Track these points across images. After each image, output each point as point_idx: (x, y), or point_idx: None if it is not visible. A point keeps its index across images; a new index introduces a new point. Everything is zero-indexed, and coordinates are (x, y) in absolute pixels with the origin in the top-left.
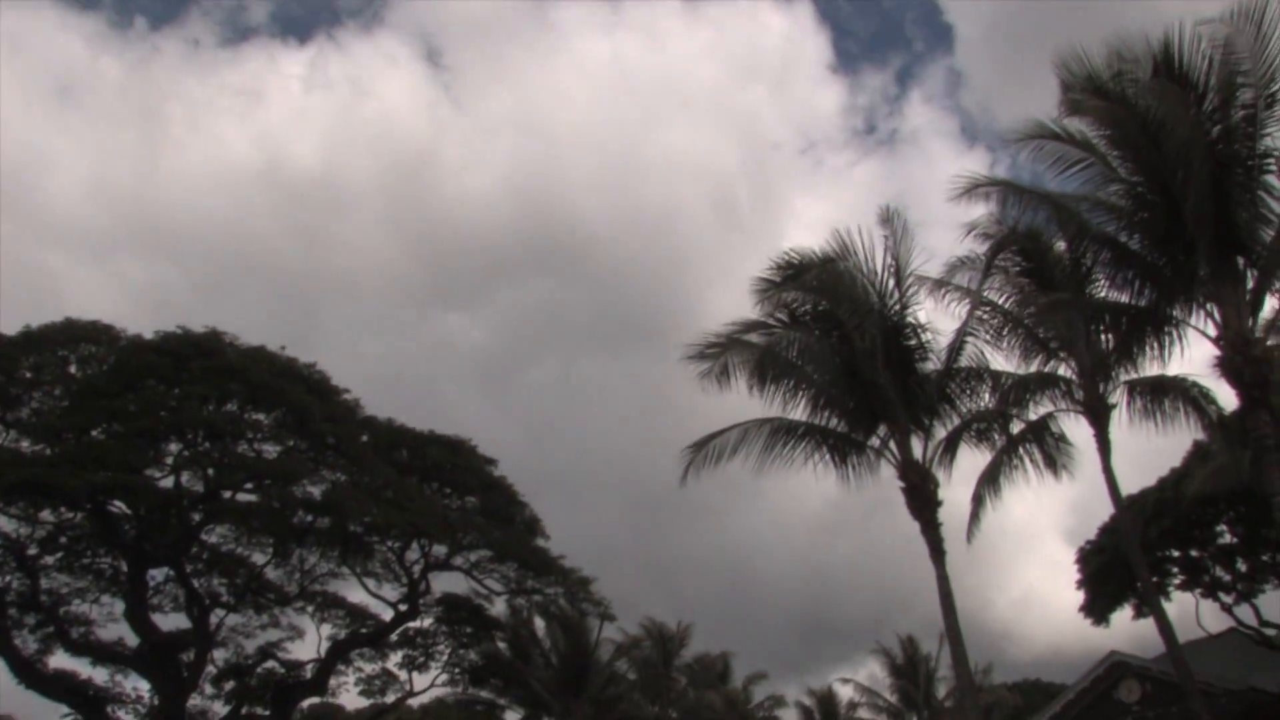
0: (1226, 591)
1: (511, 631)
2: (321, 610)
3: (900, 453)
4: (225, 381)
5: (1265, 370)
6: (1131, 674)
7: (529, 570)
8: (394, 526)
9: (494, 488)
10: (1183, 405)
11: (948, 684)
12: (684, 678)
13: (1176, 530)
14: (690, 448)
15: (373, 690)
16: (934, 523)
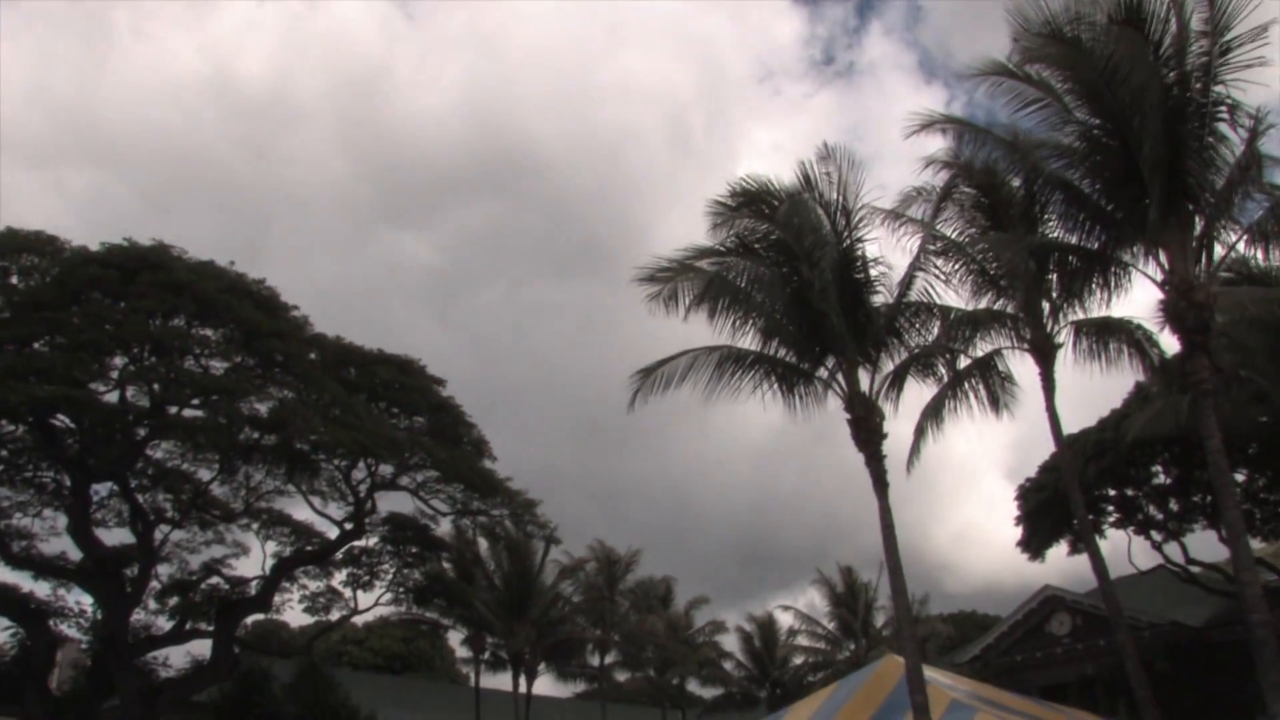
0: (1158, 530)
1: (456, 552)
2: (267, 527)
3: (848, 385)
4: (172, 296)
5: (1207, 316)
6: (1063, 607)
7: (475, 491)
8: (341, 445)
9: (442, 408)
10: (1126, 347)
11: (886, 614)
12: (626, 601)
13: (1114, 470)
14: (638, 374)
15: (317, 608)
16: (878, 455)
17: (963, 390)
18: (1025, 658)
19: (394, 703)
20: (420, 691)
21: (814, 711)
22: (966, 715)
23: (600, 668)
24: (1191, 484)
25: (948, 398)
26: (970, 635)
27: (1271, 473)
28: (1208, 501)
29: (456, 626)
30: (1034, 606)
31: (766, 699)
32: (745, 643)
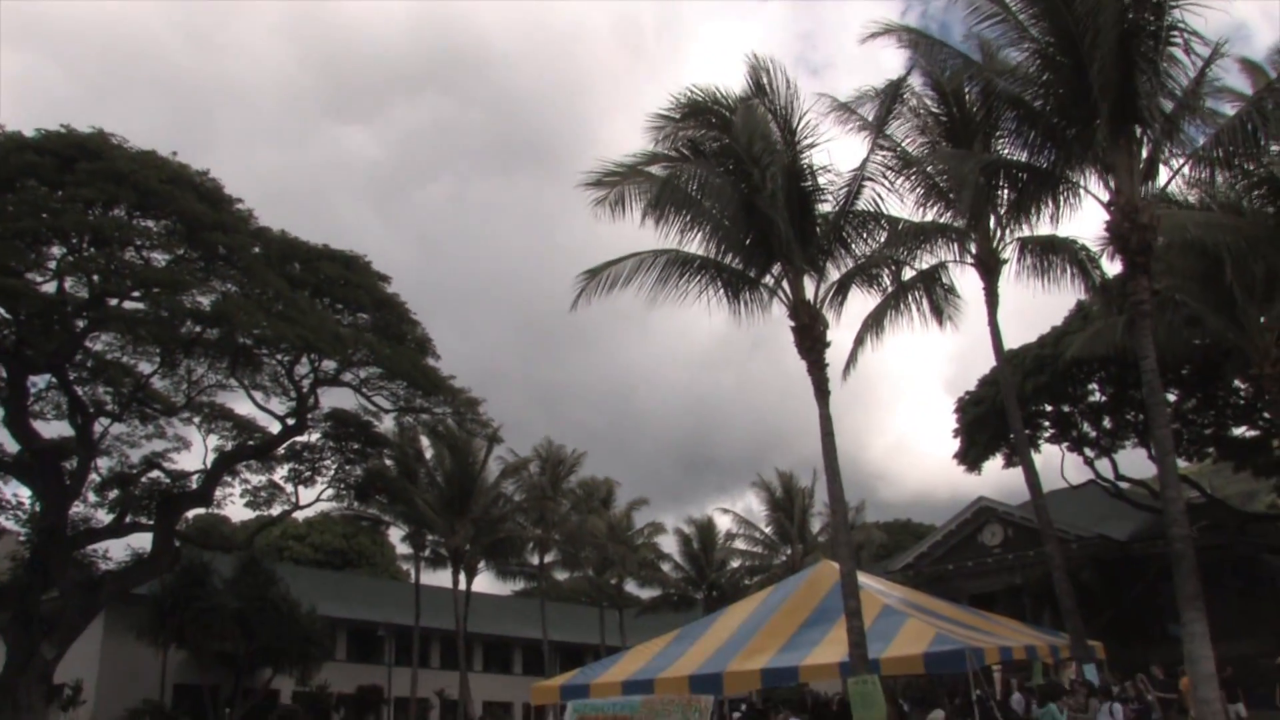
0: (1090, 447)
1: (399, 449)
2: (208, 421)
3: (793, 292)
4: (112, 186)
5: (1150, 238)
6: (996, 519)
7: (418, 389)
8: (284, 340)
9: (386, 305)
10: (1070, 266)
11: (822, 520)
12: (568, 501)
13: (1052, 386)
14: (584, 275)
15: (258, 502)
16: (821, 363)
17: (906, 301)
18: (957, 566)
19: (334, 598)
20: (361, 587)
21: (749, 614)
22: (898, 621)
23: (540, 566)
24: (1125, 403)
25: (890, 308)
26: (904, 543)
27: (1201, 394)
28: (1139, 420)
29: (397, 523)
30: (967, 517)
31: (703, 601)
32: (684, 545)
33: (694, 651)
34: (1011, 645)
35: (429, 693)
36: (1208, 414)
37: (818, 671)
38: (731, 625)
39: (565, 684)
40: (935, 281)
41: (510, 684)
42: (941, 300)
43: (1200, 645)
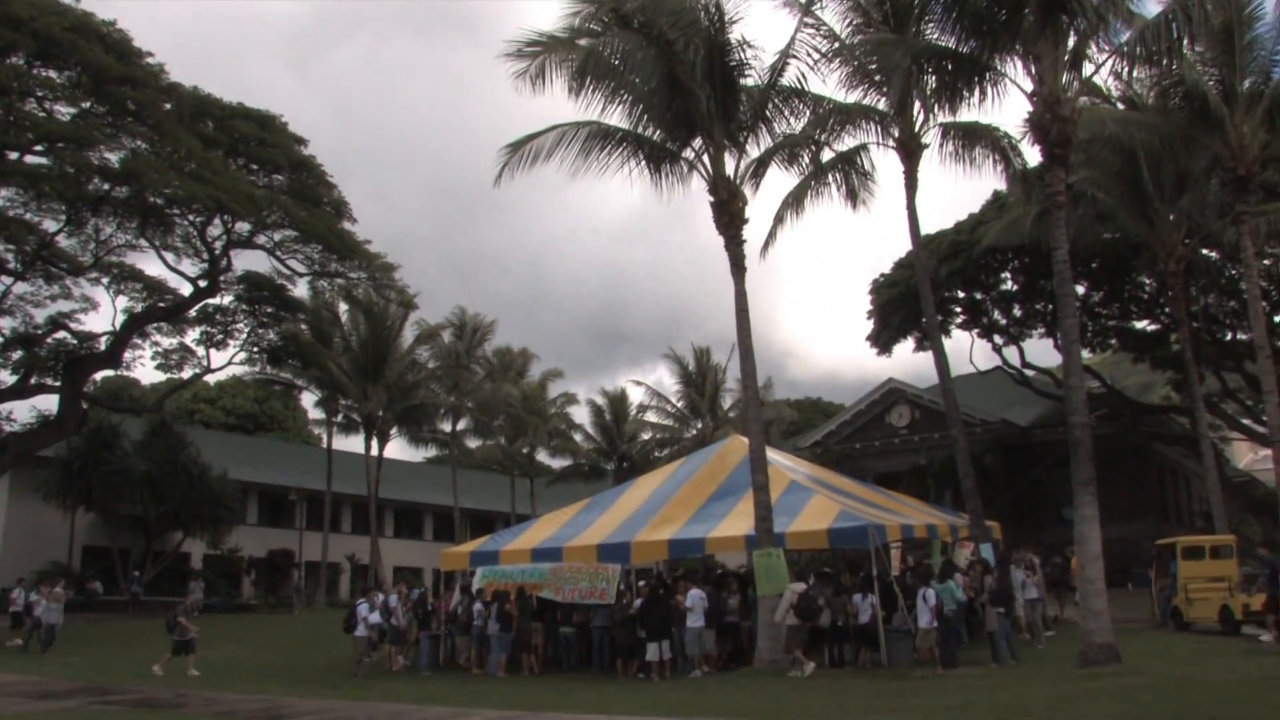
0: (1000, 334)
1: (313, 314)
2: (117, 282)
3: (713, 167)
4: (9, 31)
5: (1070, 130)
6: (904, 400)
7: (334, 253)
8: (196, 200)
9: (302, 167)
10: (991, 153)
11: (733, 396)
12: (482, 370)
13: (965, 273)
14: (506, 148)
15: (169, 365)
16: (738, 239)
17: (825, 182)
18: (864, 446)
19: (246, 462)
20: (272, 451)
21: (658, 486)
22: (804, 497)
23: (452, 434)
24: (1035, 293)
25: (810, 188)
26: (814, 421)
27: (1108, 288)
28: (1048, 310)
29: (310, 388)
30: (876, 398)
31: (614, 472)
32: (596, 416)
33: (603, 521)
34: (913, 523)
35: (340, 557)
36: (1113, 307)
37: (724, 544)
38: (640, 496)
39: (475, 550)
40: (855, 163)
41: (421, 550)
42: (859, 182)
43: (1090, 528)
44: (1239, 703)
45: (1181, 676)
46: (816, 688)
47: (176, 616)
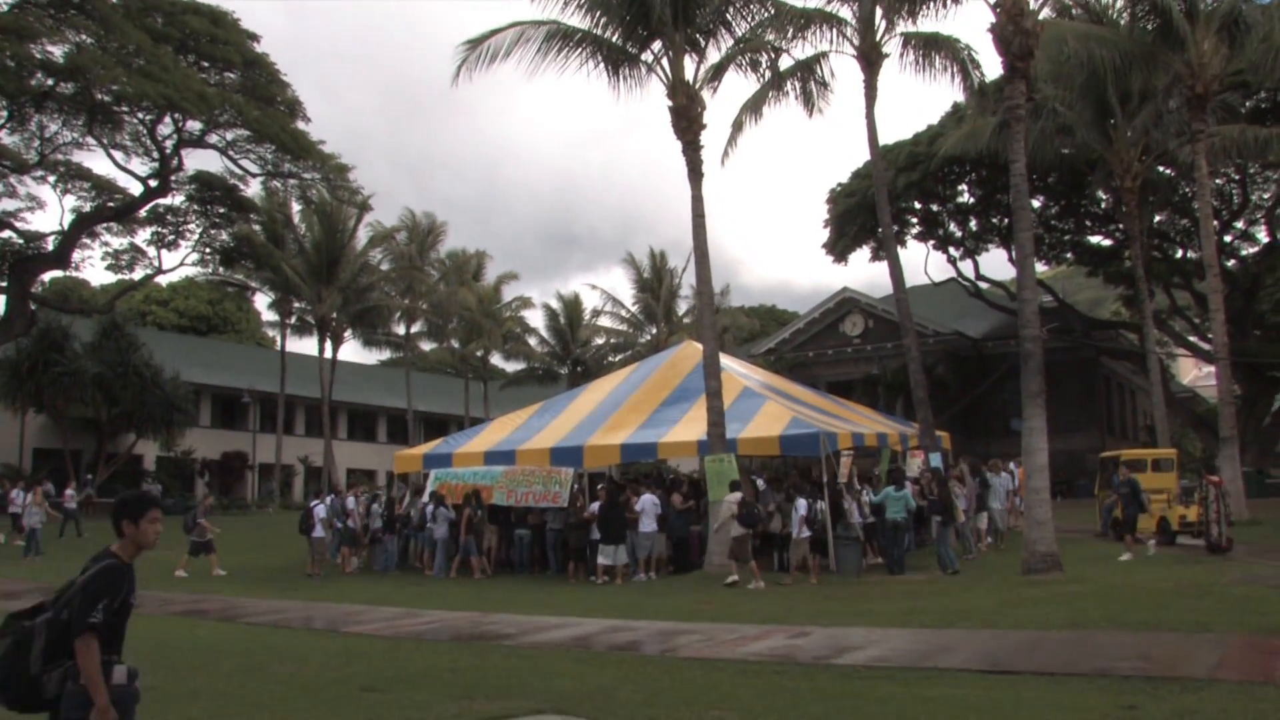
0: (955, 246)
1: (266, 215)
2: (64, 181)
3: (672, 71)
4: None
5: (1032, 43)
6: (858, 310)
7: (287, 153)
8: (145, 97)
9: (255, 65)
10: (951, 64)
11: (688, 302)
12: (436, 272)
13: (923, 184)
14: (465, 45)
15: (119, 266)
16: (696, 144)
17: (784, 89)
18: (818, 354)
19: (199, 364)
20: (225, 353)
21: (612, 390)
22: (757, 403)
23: (406, 336)
24: (991, 206)
25: (768, 94)
26: (769, 329)
27: (1065, 202)
28: (1003, 223)
29: (264, 289)
30: (830, 307)
31: (567, 376)
32: (550, 320)
33: (556, 425)
34: (864, 432)
35: (293, 459)
36: (1068, 221)
37: (676, 449)
38: (594, 401)
39: (429, 453)
40: (814, 72)
41: (374, 452)
42: (816, 92)
43: (1037, 439)
44: (1169, 608)
45: (1118, 584)
46: (765, 592)
47: (195, 518)
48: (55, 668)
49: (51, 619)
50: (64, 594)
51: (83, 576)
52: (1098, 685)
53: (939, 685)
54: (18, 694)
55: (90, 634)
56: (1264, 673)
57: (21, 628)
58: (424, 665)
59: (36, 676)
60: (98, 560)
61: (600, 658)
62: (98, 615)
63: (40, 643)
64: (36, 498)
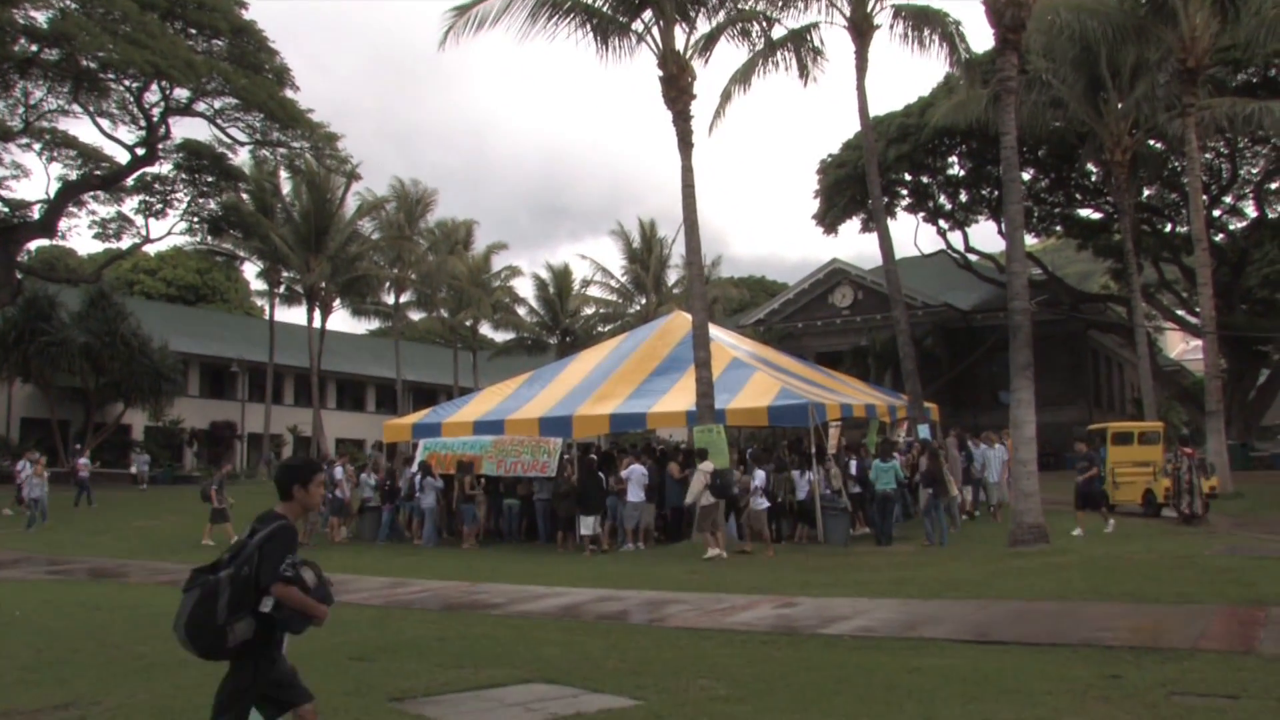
0: (945, 218)
1: (254, 184)
2: (50, 149)
3: (662, 41)
4: None
5: (1024, 15)
6: (848, 281)
7: (275, 121)
8: (132, 65)
9: (243, 32)
10: (939, 38)
11: (678, 272)
12: (425, 242)
13: (913, 156)
14: (453, 11)
15: (107, 235)
16: (686, 115)
17: (774, 59)
18: (807, 325)
19: (187, 333)
20: (214, 323)
21: (601, 360)
22: (745, 374)
23: (395, 306)
24: (981, 178)
25: (759, 64)
26: (758, 299)
27: (1055, 175)
28: (993, 196)
29: (252, 259)
30: (820, 278)
31: (557, 346)
32: (540, 290)
33: (545, 395)
34: (853, 403)
35: (282, 428)
36: (1058, 194)
37: (665, 419)
38: (583, 371)
39: (418, 422)
40: (806, 41)
41: (363, 421)
42: (809, 60)
43: (1025, 411)
44: (1153, 580)
45: (1104, 555)
46: (753, 562)
47: (211, 487)
48: (238, 619)
49: (233, 574)
50: (239, 552)
51: (256, 537)
52: (1083, 655)
53: (926, 655)
54: (207, 643)
55: (283, 582)
56: (1245, 643)
57: (207, 581)
58: (412, 634)
59: (221, 627)
60: (266, 521)
61: (588, 627)
62: (290, 570)
63: (225, 597)
64: (38, 469)
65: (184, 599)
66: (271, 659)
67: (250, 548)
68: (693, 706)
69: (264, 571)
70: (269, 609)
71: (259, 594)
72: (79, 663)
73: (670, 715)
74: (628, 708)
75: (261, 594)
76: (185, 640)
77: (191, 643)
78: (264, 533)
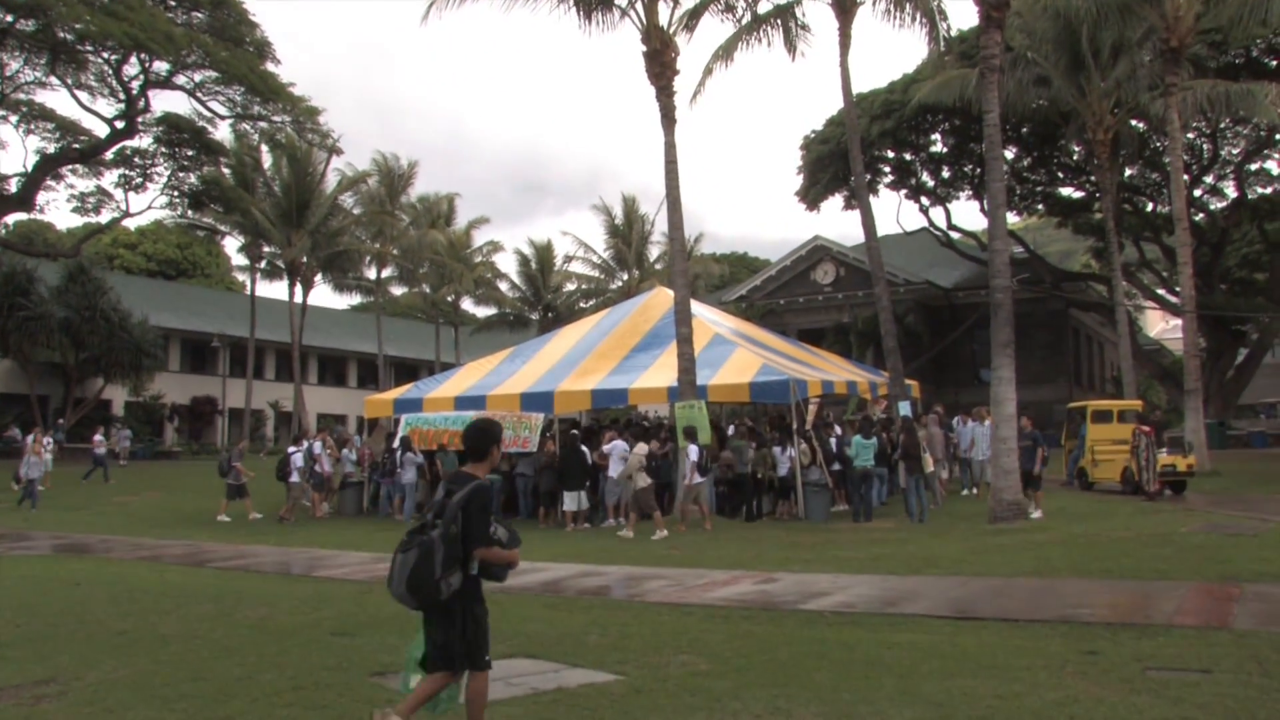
0: (927, 195)
1: (235, 158)
2: (27, 121)
3: (646, 16)
4: None
5: None
6: (830, 258)
7: (256, 95)
8: (110, 36)
9: (223, 4)
10: (921, 16)
11: (660, 248)
12: (407, 216)
13: (896, 133)
14: None
15: (86, 209)
16: (669, 90)
17: (758, 34)
18: (789, 302)
19: (168, 308)
20: (195, 298)
21: (583, 335)
22: (727, 350)
23: (377, 281)
24: (964, 155)
25: (741, 39)
26: (740, 277)
27: (1037, 153)
28: (976, 173)
29: (233, 233)
30: (802, 254)
31: (539, 321)
32: (522, 265)
33: (527, 370)
34: (834, 380)
35: (263, 404)
36: (1040, 173)
37: (647, 395)
38: (565, 346)
39: (399, 398)
40: (790, 16)
41: (345, 396)
42: (794, 36)
43: (1006, 389)
44: (1130, 557)
45: (1082, 533)
46: (734, 538)
47: (230, 462)
48: (450, 573)
49: (444, 533)
50: (441, 511)
51: (456, 497)
52: (1060, 631)
53: (905, 631)
54: (426, 595)
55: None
56: (1219, 618)
57: (424, 540)
58: (394, 610)
59: (437, 581)
60: (460, 482)
61: (570, 602)
62: (496, 531)
63: (440, 554)
64: (35, 448)
65: (401, 559)
66: (482, 610)
67: (452, 507)
68: (674, 681)
69: (472, 533)
70: (475, 571)
71: (466, 550)
72: (59, 638)
73: (651, 690)
74: (609, 682)
75: (470, 550)
76: (404, 594)
77: (412, 596)
78: (463, 494)
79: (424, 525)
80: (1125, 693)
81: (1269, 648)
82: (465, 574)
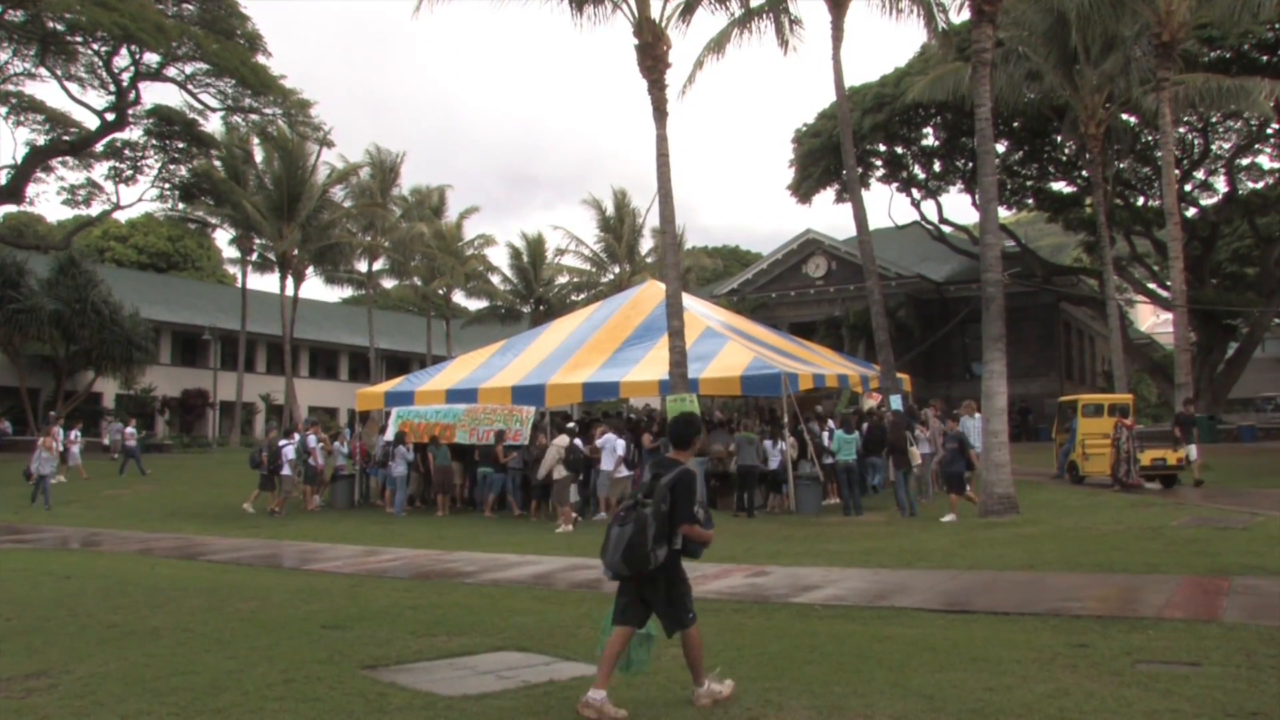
0: (919, 189)
1: (226, 150)
2: (16, 113)
3: (639, 9)
4: None
5: None
6: (821, 251)
7: (248, 88)
8: (100, 27)
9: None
10: (917, 8)
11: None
12: (398, 209)
13: (888, 126)
14: None
15: (76, 201)
16: (661, 84)
17: (751, 27)
18: (780, 295)
19: (159, 301)
20: (186, 291)
21: (575, 329)
22: (719, 343)
23: (368, 274)
24: (956, 149)
25: (733, 32)
26: (731, 270)
27: (1029, 147)
28: (968, 167)
29: (224, 226)
30: (793, 248)
31: (530, 314)
32: (513, 258)
33: (518, 363)
34: (825, 373)
35: (254, 397)
36: (1032, 167)
37: (638, 388)
38: (556, 339)
39: (391, 391)
40: (783, 9)
41: (336, 390)
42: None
43: (997, 383)
44: (1120, 550)
45: (1073, 526)
46: (724, 531)
47: (260, 452)
48: (659, 546)
49: (655, 510)
50: (651, 491)
51: (664, 480)
52: (1050, 624)
53: (896, 624)
54: (638, 564)
55: (689, 522)
56: (1209, 611)
57: (639, 516)
58: (386, 602)
59: (649, 552)
60: (666, 467)
61: (561, 595)
62: (699, 510)
63: (653, 529)
64: (46, 443)
65: (616, 532)
66: (680, 578)
67: (662, 488)
68: (665, 675)
69: (680, 512)
70: (678, 545)
71: (672, 525)
72: (50, 631)
73: (642, 683)
74: None
75: (675, 526)
76: (619, 563)
77: (626, 564)
78: (671, 476)
79: (636, 503)
80: (1115, 685)
81: (1258, 640)
82: (670, 547)
